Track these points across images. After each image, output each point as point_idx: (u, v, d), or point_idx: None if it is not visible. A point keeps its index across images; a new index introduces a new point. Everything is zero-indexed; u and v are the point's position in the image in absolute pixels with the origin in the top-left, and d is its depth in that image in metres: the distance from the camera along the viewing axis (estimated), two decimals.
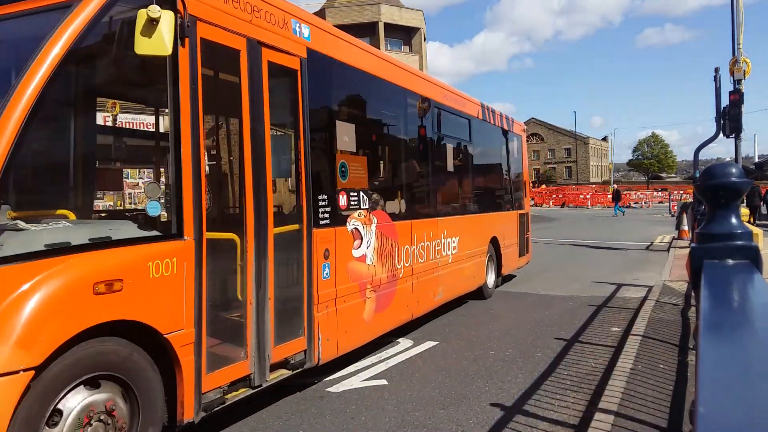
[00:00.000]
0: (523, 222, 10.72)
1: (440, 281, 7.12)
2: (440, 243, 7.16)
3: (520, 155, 11.05)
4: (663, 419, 3.71)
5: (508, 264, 9.68)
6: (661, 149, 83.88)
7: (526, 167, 11.41)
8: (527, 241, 10.97)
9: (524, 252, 10.74)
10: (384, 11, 50.31)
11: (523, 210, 10.87)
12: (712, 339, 1.31)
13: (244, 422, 4.21)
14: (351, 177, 5.30)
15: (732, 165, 2.16)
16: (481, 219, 8.76)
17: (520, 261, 10.56)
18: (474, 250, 8.20)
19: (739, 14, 14.01)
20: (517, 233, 10.27)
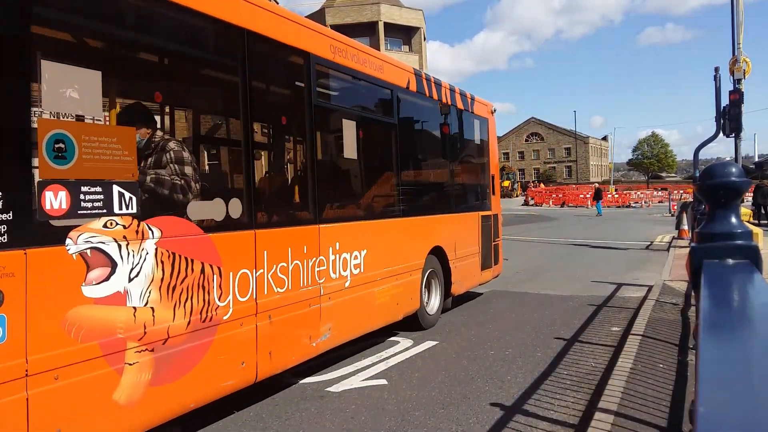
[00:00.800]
0: (489, 226, 8.64)
1: (326, 315, 5.00)
2: (326, 261, 5.02)
3: (486, 143, 8.92)
4: (663, 419, 3.71)
5: (463, 280, 7.74)
6: (661, 149, 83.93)
7: (494, 158, 9.24)
8: (496, 249, 8.95)
9: (491, 263, 8.66)
10: (384, 11, 50.33)
11: (489, 211, 8.77)
12: (712, 339, 1.31)
13: (244, 422, 4.21)
14: (84, 158, 3.12)
15: (732, 164, 2.16)
16: (413, 224, 6.57)
17: (484, 275, 8.48)
18: (398, 267, 6.18)
19: (739, 14, 14.02)
20: (478, 241, 8.21)
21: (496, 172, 9.36)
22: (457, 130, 8.21)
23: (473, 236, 8.17)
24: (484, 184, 8.96)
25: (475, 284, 8.36)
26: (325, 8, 50.45)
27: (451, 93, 7.81)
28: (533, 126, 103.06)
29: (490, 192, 9.01)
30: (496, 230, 9.01)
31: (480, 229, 8.34)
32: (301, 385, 4.96)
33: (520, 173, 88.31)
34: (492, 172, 9.13)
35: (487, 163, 9.03)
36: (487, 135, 8.98)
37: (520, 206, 46.24)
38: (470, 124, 8.49)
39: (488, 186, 9.00)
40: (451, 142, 7.97)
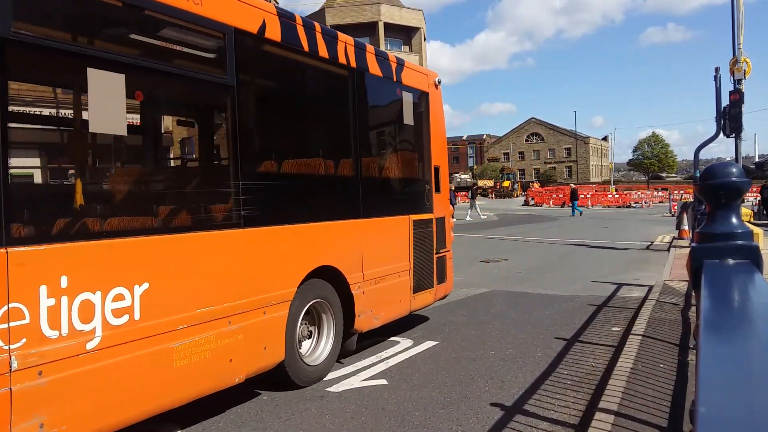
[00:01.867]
0: (428, 234, 6.65)
1: (30, 404, 2.94)
2: (27, 310, 2.96)
3: (425, 124, 6.85)
4: (663, 419, 3.71)
5: (379, 309, 5.79)
6: (662, 149, 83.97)
7: (439, 145, 7.13)
8: (442, 264, 6.98)
9: (431, 282, 6.71)
10: (384, 11, 50.35)
11: (428, 214, 6.70)
12: (713, 339, 1.31)
13: (244, 422, 4.21)
14: None
15: (732, 164, 2.16)
16: (269, 237, 4.53)
17: (421, 299, 6.51)
18: (233, 304, 4.14)
19: (739, 14, 14.02)
20: (407, 254, 6.26)
21: (443, 162, 7.20)
22: (369, 104, 6.07)
23: (399, 248, 6.17)
24: (420, 179, 6.80)
25: (404, 312, 6.28)
26: (325, 8, 50.48)
27: (359, 52, 5.66)
28: (533, 126, 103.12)
29: (431, 189, 6.84)
30: (441, 238, 6.94)
31: (411, 239, 6.33)
32: None
33: (520, 173, 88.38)
34: (436, 163, 6.95)
35: (426, 151, 6.82)
36: (426, 114, 6.86)
37: (520, 206, 46.23)
38: (394, 97, 6.38)
39: (427, 181, 6.82)
40: (356, 120, 5.64)
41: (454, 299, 8.66)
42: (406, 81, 6.50)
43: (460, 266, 12.35)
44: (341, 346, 5.39)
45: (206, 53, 4.41)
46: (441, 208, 7.07)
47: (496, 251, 15.20)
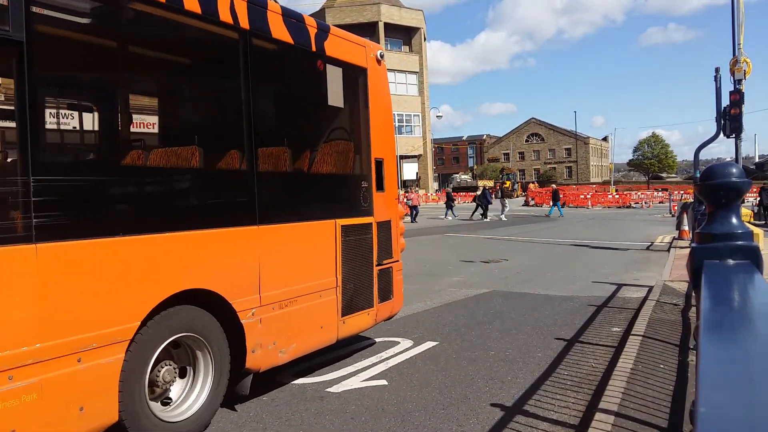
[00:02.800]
0: (365, 242, 5.45)
1: None
2: None
3: (362, 107, 5.63)
4: (663, 419, 3.71)
5: (286, 340, 4.58)
6: (662, 149, 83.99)
7: (382, 132, 5.81)
8: (387, 277, 5.75)
9: (370, 301, 5.52)
10: (384, 11, 50.39)
11: (365, 217, 5.48)
12: (713, 339, 1.31)
13: (244, 422, 4.21)
14: None
15: (732, 165, 2.16)
16: (65, 255, 3.16)
17: (352, 323, 5.30)
18: (3, 356, 2.86)
19: (739, 14, 14.02)
20: (333, 268, 5.07)
21: (389, 154, 5.86)
22: (270, 78, 4.82)
23: (320, 261, 4.96)
24: (354, 175, 5.53)
25: (328, 340, 5.08)
26: (326, 8, 50.51)
27: (254, 11, 4.37)
28: (533, 126, 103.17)
29: (370, 187, 5.55)
30: (384, 247, 5.67)
31: (340, 248, 5.10)
32: (301, 386, 4.96)
33: (520, 174, 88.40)
34: (377, 155, 5.65)
35: (363, 141, 5.57)
36: (363, 95, 5.60)
37: (520, 206, 46.22)
38: (313, 72, 5.17)
39: (365, 177, 5.52)
40: (249, 99, 4.35)
41: (455, 299, 8.67)
42: (332, 52, 5.15)
43: (461, 267, 12.36)
44: (233, 389, 4.27)
45: None
46: (385, 209, 5.72)
47: (496, 251, 15.20)
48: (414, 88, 53.11)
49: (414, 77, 53.05)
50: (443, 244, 17.70)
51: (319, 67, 5.16)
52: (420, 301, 8.53)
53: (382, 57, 5.93)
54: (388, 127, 6.00)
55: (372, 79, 5.70)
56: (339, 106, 5.42)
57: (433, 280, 10.53)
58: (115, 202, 3.61)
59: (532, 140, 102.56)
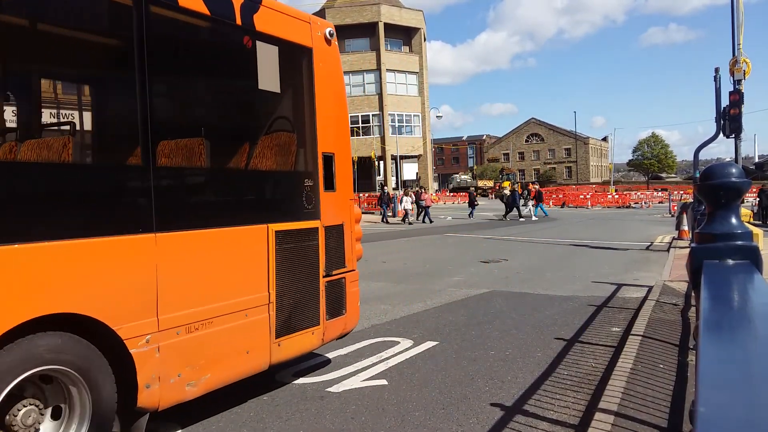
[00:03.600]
0: (307, 251, 4.69)
1: None
2: None
3: (307, 93, 4.85)
4: (663, 419, 3.71)
5: (199, 368, 3.83)
6: (662, 149, 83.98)
7: (333, 123, 5.06)
8: (336, 290, 5.00)
9: (314, 318, 4.75)
10: (384, 11, 50.39)
11: (305, 222, 4.69)
12: (712, 339, 1.31)
13: (244, 422, 4.22)
14: None
15: (732, 165, 2.17)
16: None
17: (291, 344, 4.53)
18: None
19: (739, 14, 14.02)
20: (264, 281, 4.31)
21: (342, 148, 5.12)
22: (176, 55, 4.07)
23: (245, 274, 4.20)
24: (294, 172, 4.86)
25: (257, 367, 4.30)
26: (326, 9, 50.51)
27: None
28: (533, 127, 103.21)
29: (317, 186, 4.80)
30: (334, 255, 4.95)
31: (273, 258, 4.34)
32: (301, 386, 4.96)
33: (520, 174, 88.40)
34: (326, 149, 4.90)
35: (308, 132, 4.86)
36: (308, 79, 4.83)
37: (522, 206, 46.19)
38: (238, 50, 4.47)
39: (309, 175, 4.80)
40: (144, 81, 3.59)
41: (455, 299, 8.67)
42: (264, 27, 4.36)
43: (461, 266, 12.36)
44: None
45: None
46: (336, 212, 4.98)
47: (496, 251, 15.20)
48: (414, 88, 53.11)
49: (414, 77, 53.05)
50: (443, 244, 17.69)
51: (246, 44, 4.37)
52: (420, 301, 8.53)
53: (332, 36, 5.07)
54: (341, 117, 5.20)
55: (319, 61, 4.89)
56: (273, 91, 4.62)
57: (433, 280, 10.53)
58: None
59: (532, 140, 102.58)
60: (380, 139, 50.56)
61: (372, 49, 50.91)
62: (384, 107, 50.47)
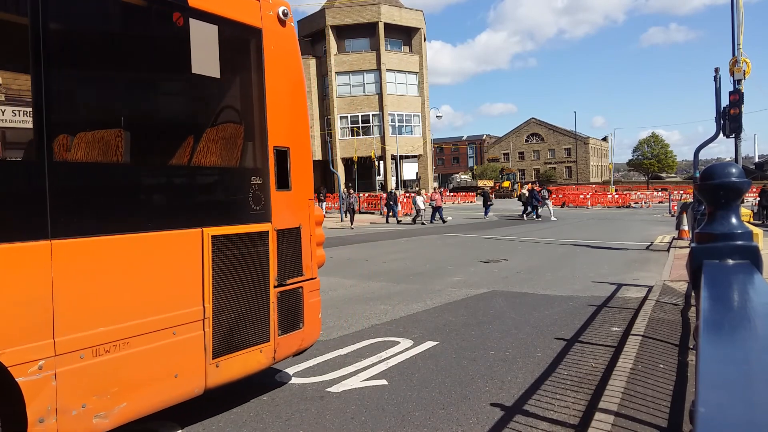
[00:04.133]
0: (253, 258, 4.19)
1: None
2: None
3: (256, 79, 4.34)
4: (663, 419, 3.71)
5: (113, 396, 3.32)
6: (662, 149, 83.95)
7: (288, 113, 4.57)
8: (292, 301, 4.50)
9: (263, 334, 4.24)
10: (384, 11, 50.39)
11: (251, 225, 4.20)
12: (712, 339, 1.31)
13: (244, 422, 4.22)
14: None
15: (732, 165, 2.16)
16: None
17: (231, 365, 4.02)
18: None
19: (739, 14, 14.02)
20: (198, 294, 3.82)
21: (299, 142, 4.59)
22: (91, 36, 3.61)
23: (176, 285, 3.70)
24: (236, 168, 4.33)
25: (189, 392, 3.79)
26: (326, 9, 50.50)
27: None
28: (533, 126, 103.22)
29: (268, 184, 4.30)
30: (289, 262, 4.44)
31: (209, 267, 3.84)
32: (301, 386, 4.96)
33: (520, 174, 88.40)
34: (279, 142, 4.38)
35: (256, 123, 4.33)
36: (256, 64, 4.31)
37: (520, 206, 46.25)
38: (170, 30, 3.89)
39: (258, 172, 4.27)
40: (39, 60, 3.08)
41: (455, 299, 8.67)
42: (199, 3, 3.88)
43: (461, 266, 12.36)
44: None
45: None
46: (291, 213, 4.46)
47: (496, 251, 15.20)
48: (414, 88, 53.11)
49: (414, 77, 53.06)
50: (443, 244, 17.69)
51: (177, 22, 3.83)
52: (420, 301, 8.53)
53: (286, 15, 4.50)
54: (298, 108, 4.62)
55: (271, 43, 4.34)
56: (212, 76, 4.05)
57: (433, 280, 10.53)
58: None
59: (532, 140, 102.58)
60: (380, 139, 50.55)
61: (372, 49, 50.90)
62: (384, 107, 50.47)
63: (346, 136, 51.09)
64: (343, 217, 30.61)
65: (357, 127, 50.83)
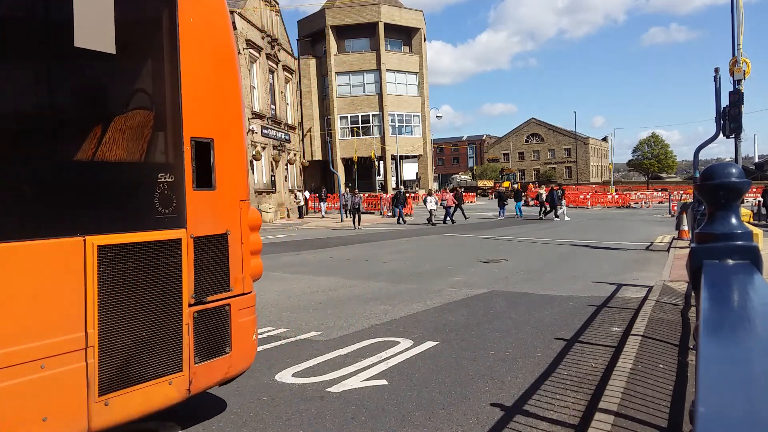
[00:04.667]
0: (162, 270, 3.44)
1: None
2: None
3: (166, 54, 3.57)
4: (663, 419, 3.71)
5: None
6: (661, 149, 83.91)
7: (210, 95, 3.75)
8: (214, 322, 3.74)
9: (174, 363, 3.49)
10: (384, 11, 50.42)
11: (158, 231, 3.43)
12: (713, 339, 1.31)
13: (244, 422, 4.22)
14: None
15: (732, 165, 2.16)
16: None
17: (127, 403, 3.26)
18: None
19: (739, 14, 14.03)
20: (80, 316, 3.06)
21: (227, 131, 3.85)
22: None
23: (45, 309, 2.98)
24: (138, 163, 3.61)
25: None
26: (326, 9, 50.51)
27: None
28: (533, 127, 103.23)
29: (182, 182, 3.57)
30: (214, 274, 3.74)
31: (95, 283, 3.16)
32: (301, 386, 4.96)
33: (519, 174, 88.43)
34: (198, 132, 3.65)
35: (168, 109, 3.59)
36: (168, 36, 3.58)
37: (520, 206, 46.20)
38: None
39: (168, 167, 3.54)
40: None
41: (455, 299, 8.67)
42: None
43: (461, 266, 12.36)
44: None
45: None
46: (215, 217, 3.74)
47: (496, 251, 15.20)
48: (414, 88, 53.13)
49: (414, 77, 53.07)
50: (443, 244, 17.69)
51: None
52: (420, 301, 8.53)
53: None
54: (228, 90, 3.83)
55: (189, 11, 3.56)
56: (104, 51, 3.27)
57: (433, 280, 10.53)
58: None
59: (532, 140, 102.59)
60: (380, 139, 50.56)
61: (372, 49, 50.90)
62: (384, 107, 50.48)
63: (346, 137, 51.09)
64: (343, 217, 30.63)
65: (357, 128, 50.83)
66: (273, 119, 32.32)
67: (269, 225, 27.96)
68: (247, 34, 28.55)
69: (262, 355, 5.84)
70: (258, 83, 30.25)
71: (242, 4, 28.77)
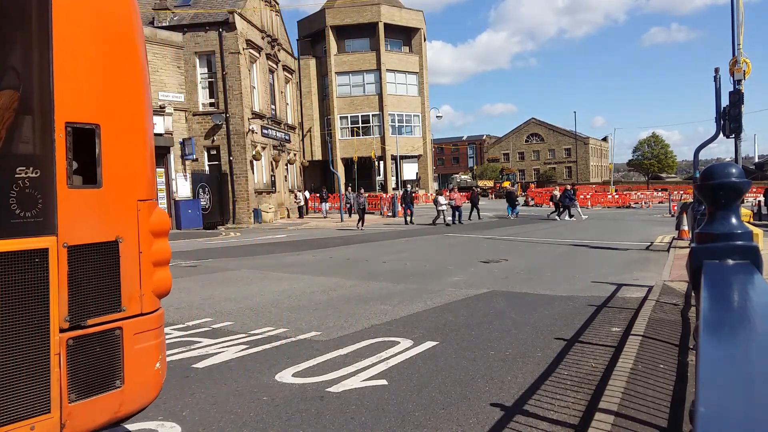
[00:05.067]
0: (17, 288, 2.59)
1: None
2: None
3: (34, 25, 2.69)
4: (663, 419, 3.71)
5: None
6: (661, 149, 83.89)
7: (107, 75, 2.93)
8: (94, 350, 2.86)
9: (34, 404, 2.61)
10: (384, 11, 50.41)
11: (11, 240, 2.56)
12: (712, 339, 1.31)
13: (244, 422, 4.22)
14: None
15: (732, 165, 2.16)
16: None
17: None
18: None
19: (739, 14, 14.03)
20: None
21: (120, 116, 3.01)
22: None
23: None
24: None
25: None
26: (326, 9, 50.50)
27: None
28: (533, 127, 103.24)
29: (51, 178, 2.72)
30: (98, 292, 2.90)
31: None
32: (301, 386, 4.96)
33: (519, 174, 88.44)
34: (77, 116, 2.82)
35: (36, 88, 2.80)
36: (37, 3, 2.69)
37: (520, 207, 46.24)
38: None
39: (31, 160, 2.74)
40: None
41: (455, 299, 8.67)
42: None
43: (461, 266, 12.36)
44: None
45: None
46: (101, 220, 2.96)
47: (496, 251, 15.20)
48: (414, 88, 53.12)
49: (414, 77, 53.07)
50: (443, 244, 17.70)
51: None
52: (420, 301, 8.53)
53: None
54: (121, 66, 3.06)
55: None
56: None
57: (433, 280, 10.53)
58: None
59: (532, 140, 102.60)
60: (380, 139, 50.55)
61: (372, 49, 50.89)
62: (384, 107, 50.46)
63: (346, 137, 51.08)
64: (343, 217, 30.63)
65: (357, 128, 50.82)
66: (273, 119, 32.32)
67: (269, 225, 27.97)
68: (247, 34, 28.54)
69: (262, 355, 5.85)
70: (258, 83, 30.25)
71: (242, 4, 28.76)
